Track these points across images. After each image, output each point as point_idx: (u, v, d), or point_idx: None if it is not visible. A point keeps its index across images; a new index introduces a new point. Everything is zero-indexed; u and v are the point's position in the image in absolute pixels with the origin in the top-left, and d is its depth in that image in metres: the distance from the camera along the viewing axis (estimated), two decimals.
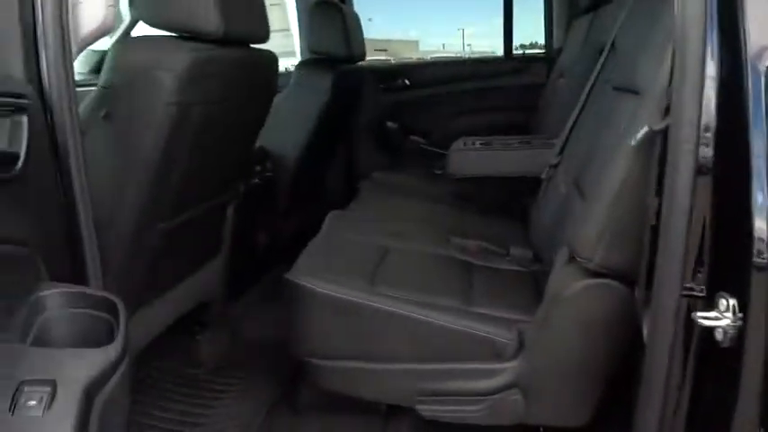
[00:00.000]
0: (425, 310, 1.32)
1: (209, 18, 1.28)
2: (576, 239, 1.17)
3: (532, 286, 1.53)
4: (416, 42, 6.09)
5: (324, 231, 1.74)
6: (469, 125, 3.06)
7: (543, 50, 3.18)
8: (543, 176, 1.79)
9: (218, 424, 1.61)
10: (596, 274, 1.16)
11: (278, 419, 1.61)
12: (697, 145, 0.88)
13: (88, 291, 0.97)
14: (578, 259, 1.16)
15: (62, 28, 0.95)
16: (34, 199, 0.93)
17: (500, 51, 3.16)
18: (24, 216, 0.91)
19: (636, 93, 1.18)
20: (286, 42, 3.27)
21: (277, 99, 2.45)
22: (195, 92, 1.28)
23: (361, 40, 2.67)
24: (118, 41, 1.30)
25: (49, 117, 0.96)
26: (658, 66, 1.06)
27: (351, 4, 2.99)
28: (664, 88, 1.02)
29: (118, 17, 1.52)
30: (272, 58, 1.66)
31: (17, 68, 0.94)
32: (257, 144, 2.32)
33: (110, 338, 0.87)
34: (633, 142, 1.04)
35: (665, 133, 0.96)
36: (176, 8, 1.27)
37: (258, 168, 2.21)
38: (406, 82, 3.11)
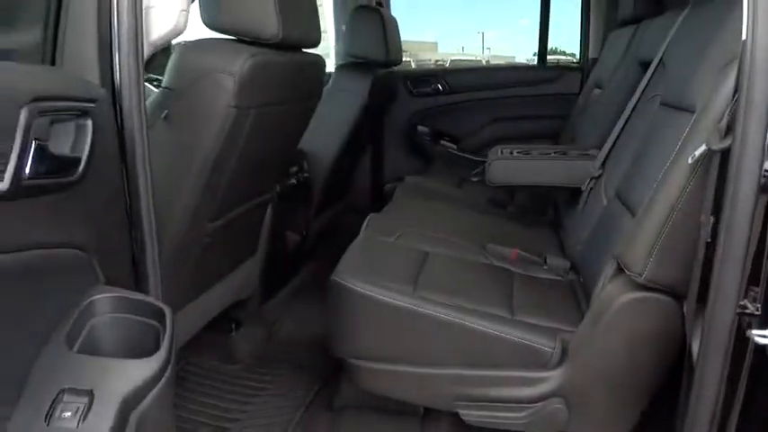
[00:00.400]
0: (470, 316, 1.34)
1: (268, 23, 1.31)
2: (627, 254, 1.18)
3: (571, 296, 1.54)
4: (435, 44, 6.14)
5: (363, 234, 1.77)
6: (500, 132, 3.08)
7: (577, 60, 3.19)
8: (583, 188, 1.80)
9: (256, 420, 1.65)
10: (645, 288, 1.18)
11: (315, 417, 1.64)
12: (761, 165, 0.89)
13: (138, 297, 0.99)
14: (628, 273, 1.18)
15: (136, 33, 0.98)
16: (95, 203, 0.95)
17: (519, 56, 3.18)
18: (84, 220, 0.93)
19: (690, 111, 1.19)
20: (322, 45, 3.30)
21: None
22: (253, 95, 1.32)
23: (399, 45, 2.70)
24: (181, 44, 1.33)
25: (119, 120, 0.99)
26: (718, 85, 1.07)
27: (388, 7, 3.01)
28: (723, 108, 1.04)
29: None
30: (321, 63, 1.69)
31: (93, 72, 0.97)
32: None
33: (156, 346, 0.90)
34: (690, 160, 1.05)
35: (723, 152, 0.98)
36: (238, 13, 1.30)
37: (295, 169, 2.24)
38: (439, 87, 3.12)
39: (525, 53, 3.24)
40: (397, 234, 1.77)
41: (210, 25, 1.34)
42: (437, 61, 5.53)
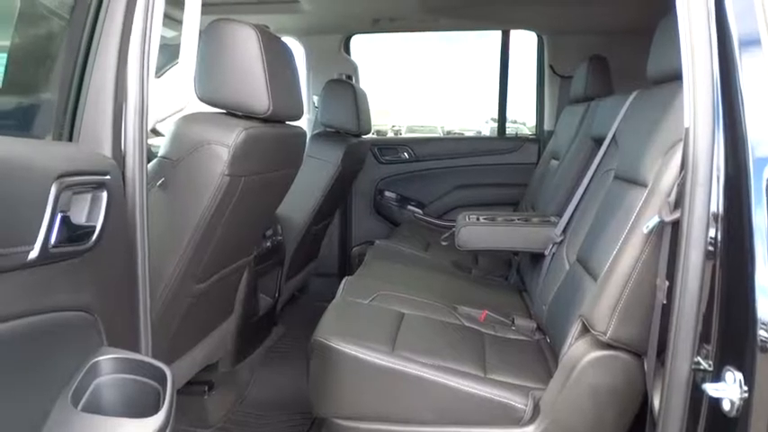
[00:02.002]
0: (446, 374, 1.41)
1: (260, 99, 1.41)
2: (591, 314, 1.29)
3: (540, 355, 1.63)
4: (387, 112, 6.40)
5: (340, 296, 1.84)
6: (463, 199, 3.24)
7: (533, 133, 3.41)
8: (546, 253, 1.92)
9: None
10: (608, 346, 1.28)
11: None
12: (706, 234, 1.02)
13: (140, 358, 1.03)
14: (593, 332, 1.28)
15: (142, 108, 1.07)
16: (104, 267, 1.01)
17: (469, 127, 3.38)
18: (93, 284, 0.98)
19: (642, 185, 1.33)
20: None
21: None
22: (245, 164, 1.40)
23: (368, 116, 2.85)
24: (180, 117, 1.41)
25: (125, 192, 1.06)
26: (667, 163, 1.22)
27: (357, 81, 3.19)
28: (672, 183, 1.18)
29: None
30: (302, 134, 1.79)
31: (107, 147, 1.04)
32: None
33: (156, 406, 0.94)
34: (645, 230, 1.18)
35: (673, 224, 1.11)
36: (233, 90, 1.40)
37: (270, 232, 2.31)
38: (405, 155, 3.28)
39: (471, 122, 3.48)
40: (373, 296, 1.84)
41: (206, 100, 1.44)
42: (393, 126, 5.75)
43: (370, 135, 3.19)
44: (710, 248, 1.03)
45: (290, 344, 2.50)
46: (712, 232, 1.02)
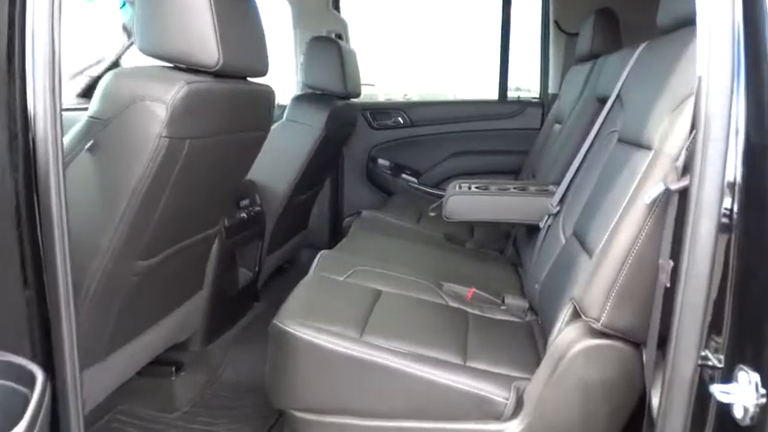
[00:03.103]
0: (418, 363, 1.24)
1: (207, 50, 1.23)
2: (583, 298, 1.11)
3: (529, 340, 1.47)
4: (372, 86, 6.11)
5: (313, 272, 1.67)
6: (461, 167, 3.04)
7: (537, 96, 3.19)
8: (541, 225, 1.74)
9: None
10: (602, 334, 1.10)
11: None
12: (720, 205, 0.83)
13: (6, 358, 0.84)
14: (584, 318, 1.11)
15: (53, 63, 0.89)
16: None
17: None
18: None
19: (647, 148, 1.14)
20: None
21: (270, 133, 2.41)
22: (188, 125, 1.23)
23: (358, 77, 2.65)
24: (110, 71, 1.23)
25: (33, 154, 0.88)
26: (675, 122, 1.03)
27: (347, 41, 2.97)
28: (680, 146, 0.99)
29: None
30: (268, 93, 1.61)
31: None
32: (247, 177, 2.28)
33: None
34: (647, 200, 1.00)
35: (680, 193, 0.92)
36: (174, 38, 1.22)
37: (246, 202, 2.15)
38: (400, 120, 3.08)
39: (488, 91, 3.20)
40: (350, 272, 1.68)
41: (147, 51, 1.26)
42: (405, 95, 5.49)
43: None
44: (725, 221, 0.84)
45: (270, 321, 2.35)
46: (727, 202, 0.83)
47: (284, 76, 2.99)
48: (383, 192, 3.11)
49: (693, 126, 0.90)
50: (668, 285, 0.95)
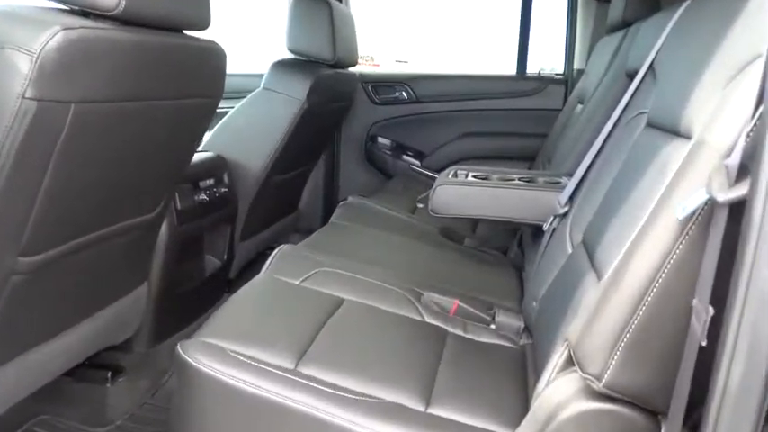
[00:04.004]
0: (358, 413, 0.94)
1: None
2: (580, 345, 0.80)
3: (517, 375, 1.16)
4: (371, 58, 5.76)
5: (263, 274, 1.38)
6: (470, 150, 2.71)
7: (561, 72, 2.81)
8: (545, 228, 1.42)
9: None
10: (605, 397, 0.79)
11: None
12: None
13: None
14: (581, 374, 0.79)
15: None
16: None
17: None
18: None
19: (685, 137, 0.81)
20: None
21: (243, 103, 2.11)
22: (73, 84, 0.93)
23: (353, 44, 2.32)
24: None
25: None
26: (726, 104, 0.70)
27: (347, 4, 2.64)
28: (735, 137, 0.66)
29: None
30: (215, 51, 1.31)
31: None
32: (215, 153, 1.99)
33: None
34: (681, 214, 0.67)
35: (732, 206, 0.60)
36: None
37: (210, 182, 1.86)
38: (404, 95, 2.75)
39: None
40: (309, 273, 1.39)
41: None
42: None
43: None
44: None
45: None
46: None
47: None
48: (383, 174, 2.80)
49: (757, 108, 0.58)
50: (704, 344, 0.63)
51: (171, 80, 1.18)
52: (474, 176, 1.63)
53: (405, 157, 2.75)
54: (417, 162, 2.74)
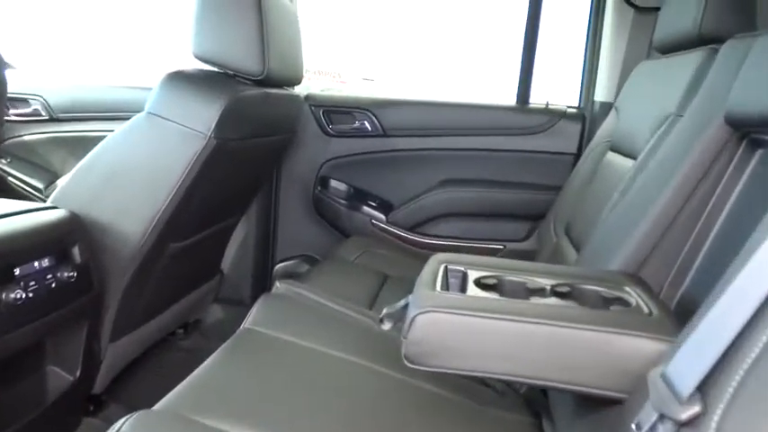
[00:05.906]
0: None
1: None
2: None
3: None
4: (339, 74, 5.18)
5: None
6: (454, 202, 2.05)
7: (576, 106, 2.14)
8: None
9: None
10: None
11: None
12: None
13: None
14: None
15: None
16: None
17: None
18: None
19: None
20: None
21: (118, 133, 1.41)
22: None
23: (296, 52, 1.63)
24: None
25: None
26: None
27: (294, 4, 1.96)
28: None
29: None
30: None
31: None
32: (67, 210, 1.27)
33: None
34: None
35: None
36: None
37: (44, 263, 1.14)
38: (367, 126, 2.08)
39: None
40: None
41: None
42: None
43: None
44: None
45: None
46: None
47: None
48: (337, 230, 2.12)
49: None
50: None
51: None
52: (482, 282, 0.93)
53: (365, 208, 2.06)
54: (382, 216, 2.06)
